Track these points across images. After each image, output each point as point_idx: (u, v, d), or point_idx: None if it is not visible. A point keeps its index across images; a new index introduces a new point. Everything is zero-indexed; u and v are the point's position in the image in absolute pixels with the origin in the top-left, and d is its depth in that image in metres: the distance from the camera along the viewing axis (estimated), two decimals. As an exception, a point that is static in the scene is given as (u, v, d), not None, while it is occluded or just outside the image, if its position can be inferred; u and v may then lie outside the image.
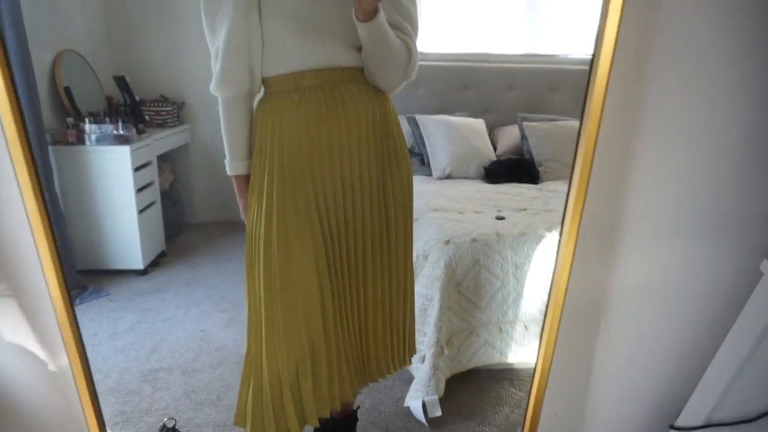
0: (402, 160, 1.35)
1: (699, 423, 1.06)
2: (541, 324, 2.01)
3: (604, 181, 1.06)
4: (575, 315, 1.18)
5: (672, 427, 1.11)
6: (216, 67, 1.22)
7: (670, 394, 1.14)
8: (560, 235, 1.14)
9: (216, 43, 1.21)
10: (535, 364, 1.24)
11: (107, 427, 1.66)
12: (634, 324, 1.19)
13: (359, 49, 1.22)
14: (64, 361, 1.10)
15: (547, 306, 1.21)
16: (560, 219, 2.23)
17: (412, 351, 1.51)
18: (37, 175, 0.93)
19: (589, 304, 1.18)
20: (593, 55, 0.99)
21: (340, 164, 1.23)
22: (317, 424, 1.31)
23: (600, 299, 1.18)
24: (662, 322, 1.15)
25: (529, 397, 1.26)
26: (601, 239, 1.12)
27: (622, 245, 1.13)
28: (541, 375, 1.20)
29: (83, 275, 2.74)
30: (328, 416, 1.31)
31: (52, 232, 0.96)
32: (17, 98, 0.87)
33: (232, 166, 1.33)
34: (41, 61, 2.69)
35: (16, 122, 0.87)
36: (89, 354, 2.15)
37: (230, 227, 3.52)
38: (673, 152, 1.05)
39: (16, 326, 1.08)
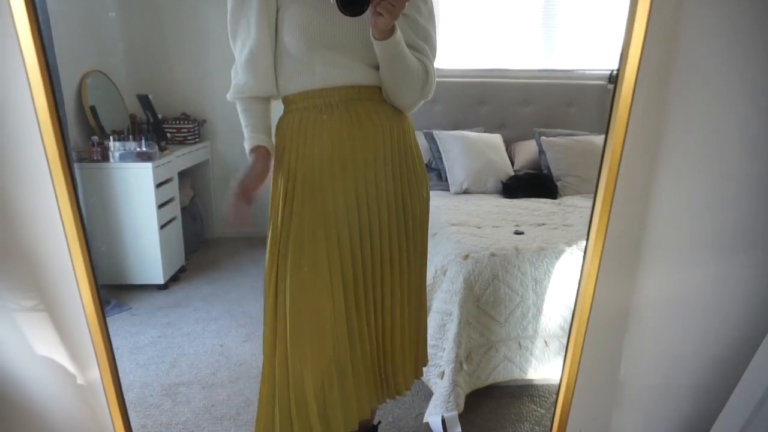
0: (420, 176, 1.36)
1: (728, 441, 1.04)
2: (561, 340, 2.01)
3: (629, 197, 1.06)
4: (600, 331, 1.17)
5: (700, 445, 1.09)
6: (236, 78, 1.26)
7: (698, 412, 1.13)
8: (585, 251, 1.14)
9: (240, 57, 1.25)
10: (560, 380, 1.23)
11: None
12: (659, 340, 1.17)
13: (377, 67, 1.23)
14: (94, 374, 1.11)
15: (571, 322, 1.20)
16: (579, 234, 2.22)
17: (425, 361, 1.52)
18: (75, 192, 0.95)
19: (613, 320, 1.17)
20: (617, 73, 0.99)
21: (354, 181, 1.24)
22: None
23: (625, 315, 1.17)
24: (688, 338, 1.13)
25: (554, 414, 1.25)
26: (625, 255, 1.12)
27: (647, 261, 1.12)
28: (566, 391, 1.18)
29: (105, 290, 2.78)
30: (356, 428, 1.30)
31: (88, 247, 0.98)
32: (59, 116, 0.90)
33: (253, 138, 1.27)
34: (69, 82, 2.77)
35: (57, 142, 0.91)
36: (112, 368, 2.16)
37: (248, 242, 3.56)
38: (697, 167, 1.05)
39: (47, 340, 1.10)
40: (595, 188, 1.07)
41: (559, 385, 1.23)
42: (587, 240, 1.11)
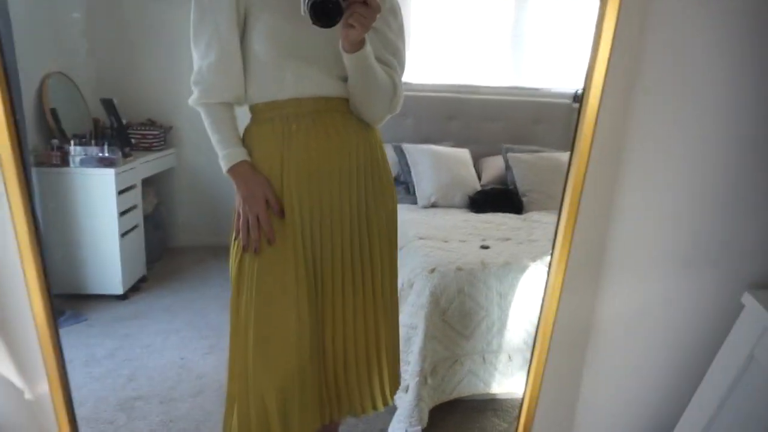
0: (387, 190, 1.36)
1: (684, 454, 1.06)
2: (525, 354, 2.02)
3: (592, 213, 1.09)
4: (563, 345, 1.18)
5: (657, 458, 1.11)
6: (202, 82, 1.21)
7: (656, 424, 1.15)
8: (549, 267, 1.16)
9: (204, 60, 1.20)
10: (523, 394, 1.24)
11: (81, 458, 1.61)
12: (620, 354, 1.20)
13: (345, 79, 1.24)
14: (43, 388, 1.06)
15: (535, 337, 1.21)
16: (544, 249, 2.26)
17: (396, 385, 1.48)
18: (30, 198, 0.91)
19: (576, 335, 1.19)
20: (583, 92, 1.02)
21: (318, 193, 1.23)
22: None
23: (587, 330, 1.19)
24: (649, 352, 1.16)
25: (516, 428, 1.25)
26: (588, 271, 1.14)
27: (610, 276, 1.15)
28: (529, 405, 1.19)
29: (61, 300, 2.68)
30: None
31: (41, 256, 0.94)
32: (15, 120, 0.86)
33: (230, 155, 1.22)
34: (29, 82, 2.68)
35: (12, 144, 0.87)
36: (64, 381, 2.07)
37: (212, 252, 3.49)
38: (659, 185, 1.09)
39: (-5, 353, 1.05)
40: (560, 205, 1.09)
41: (522, 399, 1.24)
42: (551, 256, 1.13)
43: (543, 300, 1.17)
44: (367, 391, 1.39)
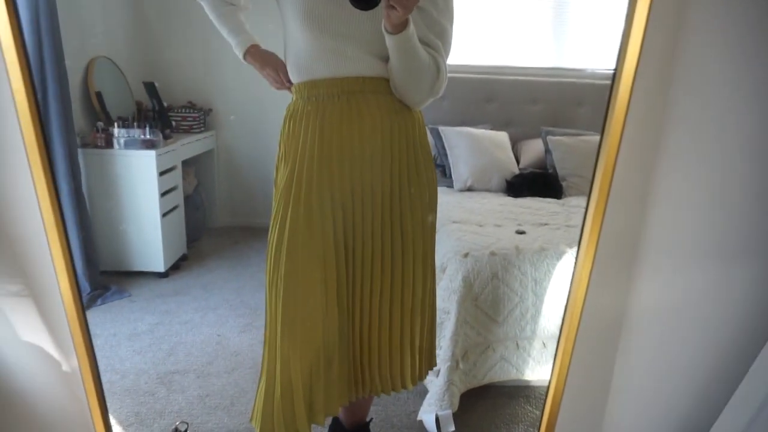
0: (424, 174, 1.32)
1: (721, 452, 1.02)
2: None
3: (624, 198, 1.04)
4: (592, 335, 1.14)
5: (693, 455, 1.06)
6: None
7: (693, 421, 1.10)
8: (576, 255, 1.11)
9: None
10: (549, 382, 1.21)
11: (121, 428, 1.68)
12: (654, 346, 1.15)
13: (385, 59, 1.20)
14: (74, 363, 1.11)
15: (562, 324, 1.18)
16: (581, 235, 2.18)
17: (430, 365, 1.48)
18: (53, 176, 0.95)
19: (606, 324, 1.15)
20: (615, 71, 0.96)
21: (350, 175, 1.22)
22: (323, 423, 1.31)
23: (619, 320, 1.14)
24: (684, 345, 1.11)
25: (542, 415, 1.23)
26: (619, 258, 1.09)
27: (642, 265, 1.09)
28: (555, 393, 1.17)
29: (106, 276, 2.79)
30: (337, 414, 1.31)
31: (66, 234, 0.97)
32: (36, 100, 0.89)
33: (243, 42, 1.35)
34: (75, 67, 2.77)
35: (34, 124, 0.90)
36: (108, 354, 2.17)
37: (250, 233, 3.55)
38: (694, 171, 1.03)
39: (32, 326, 1.10)
40: (590, 187, 1.04)
41: (548, 386, 1.21)
42: (579, 241, 1.09)
43: (570, 287, 1.13)
44: (398, 372, 1.39)
